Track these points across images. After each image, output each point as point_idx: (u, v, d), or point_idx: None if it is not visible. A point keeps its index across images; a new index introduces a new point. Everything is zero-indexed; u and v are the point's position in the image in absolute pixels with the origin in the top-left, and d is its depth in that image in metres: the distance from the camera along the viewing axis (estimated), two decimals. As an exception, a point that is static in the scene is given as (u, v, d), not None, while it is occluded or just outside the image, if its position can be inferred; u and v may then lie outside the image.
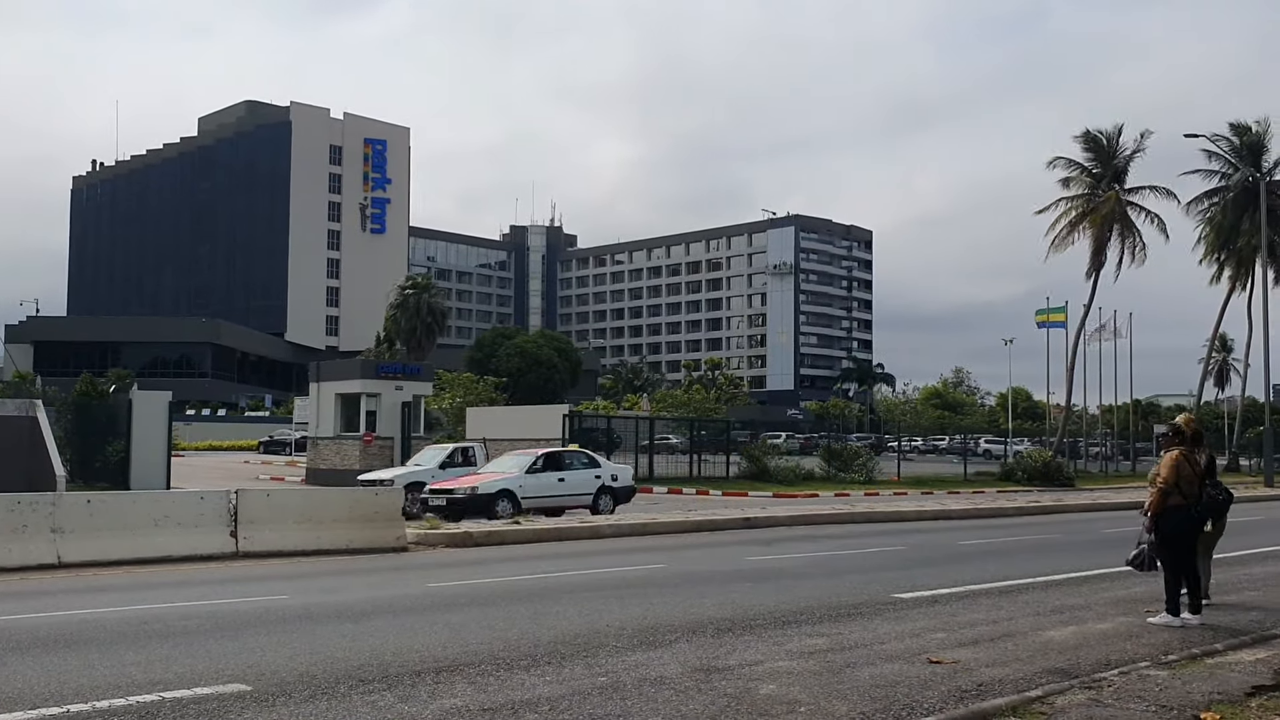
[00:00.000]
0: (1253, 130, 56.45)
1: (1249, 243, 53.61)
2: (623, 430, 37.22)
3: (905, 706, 6.56)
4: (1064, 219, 54.43)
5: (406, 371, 32.74)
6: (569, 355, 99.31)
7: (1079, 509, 28.78)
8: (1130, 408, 65.77)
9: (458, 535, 17.16)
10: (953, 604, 10.80)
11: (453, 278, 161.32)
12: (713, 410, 69.84)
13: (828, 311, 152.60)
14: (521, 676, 7.26)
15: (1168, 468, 9.77)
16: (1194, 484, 9.80)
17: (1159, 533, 9.79)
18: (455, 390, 68.47)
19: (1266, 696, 6.99)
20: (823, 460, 39.02)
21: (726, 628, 9.12)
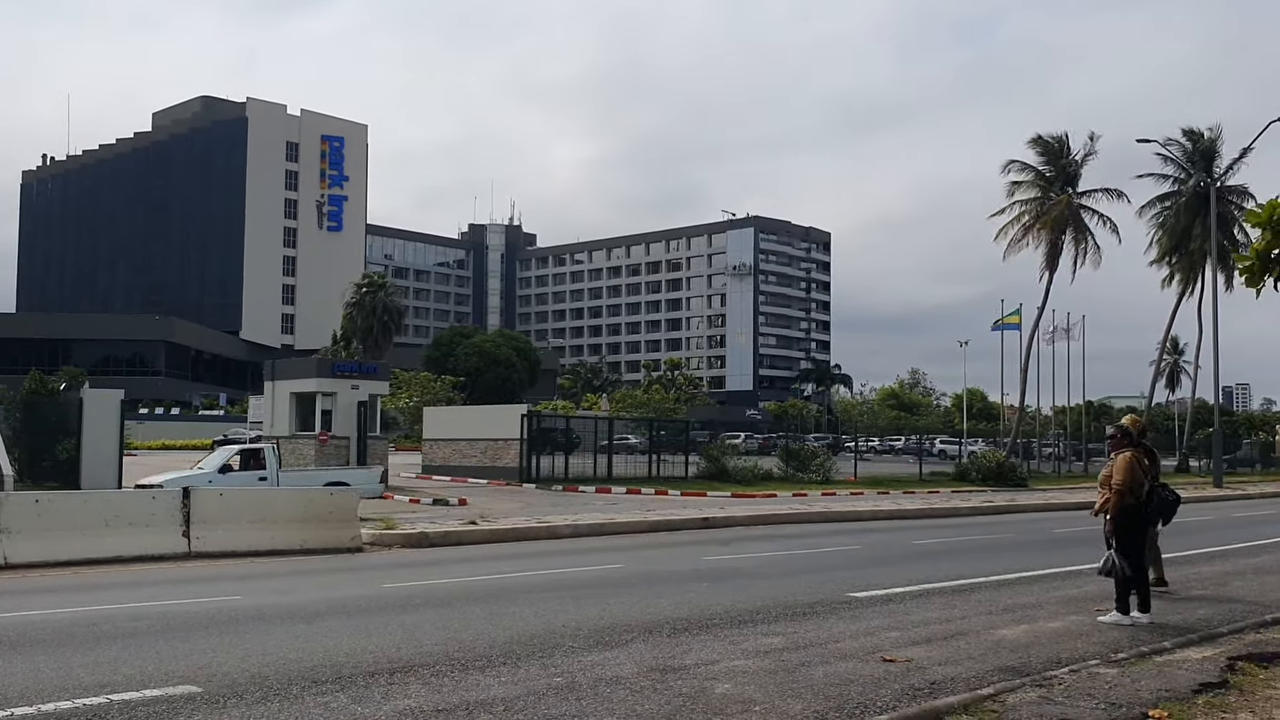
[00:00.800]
0: (1205, 136, 57.35)
1: (1200, 247, 54.45)
2: (582, 430, 37.15)
3: (859, 705, 6.60)
4: (1018, 222, 54.98)
5: (363, 370, 32.49)
6: (528, 355, 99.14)
7: (1032, 509, 29.11)
8: (1083, 409, 66.70)
9: (413, 536, 17.06)
10: (907, 603, 10.89)
11: (410, 276, 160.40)
12: (672, 410, 70.05)
13: (786, 313, 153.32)
14: (476, 677, 7.23)
15: (1123, 470, 9.88)
16: (1145, 485, 10.01)
17: (1112, 534, 9.98)
18: (412, 390, 68.20)
19: (1213, 694, 7.11)
20: (781, 460, 39.16)
21: (683, 627, 9.13)
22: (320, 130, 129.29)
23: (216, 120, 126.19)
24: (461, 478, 32.73)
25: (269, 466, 23.41)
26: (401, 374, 70.98)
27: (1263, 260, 6.47)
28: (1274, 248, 6.36)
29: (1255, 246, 6.62)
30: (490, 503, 24.26)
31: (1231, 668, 7.84)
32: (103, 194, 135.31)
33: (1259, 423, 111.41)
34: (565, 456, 33.71)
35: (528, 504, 24.51)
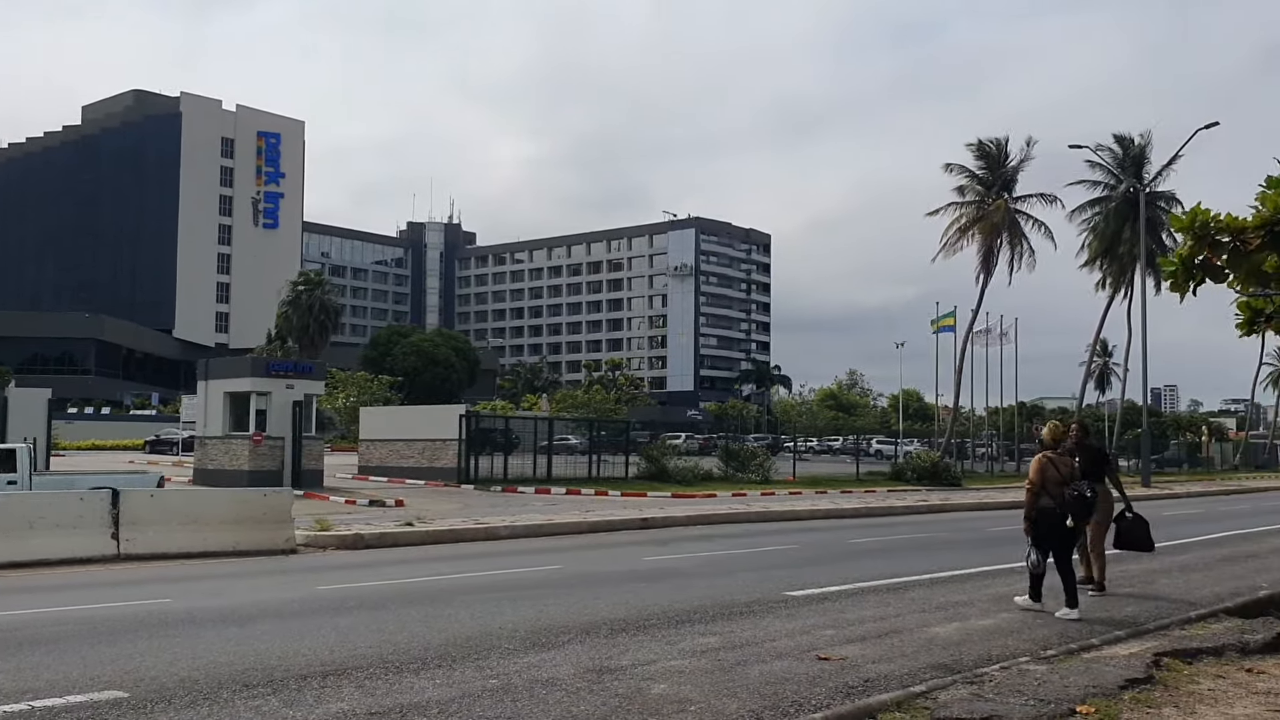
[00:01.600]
0: (1135, 142, 58.57)
1: (1130, 251, 55.55)
2: (521, 431, 36.98)
3: (794, 703, 6.64)
4: (955, 225, 55.72)
5: (298, 370, 32.01)
6: (467, 354, 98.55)
7: (965, 508, 29.54)
8: (1016, 409, 67.81)
9: (348, 537, 16.87)
10: (842, 601, 10.98)
11: (348, 274, 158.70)
12: (612, 411, 70.02)
13: (727, 313, 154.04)
14: (410, 680, 7.17)
15: (1033, 470, 10.46)
16: (1060, 486, 10.32)
17: (1033, 528, 10.36)
18: (349, 389, 67.46)
19: (1139, 690, 7.25)
20: (721, 461, 39.31)
21: (620, 628, 9.13)
22: (256, 126, 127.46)
23: (149, 114, 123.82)
24: (399, 479, 32.42)
25: (20, 469, 20.67)
26: (338, 373, 70.13)
27: (1186, 266, 6.62)
28: (1197, 254, 6.51)
29: (1179, 252, 6.77)
30: (427, 504, 24.06)
31: (1157, 664, 8.01)
32: (30, 188, 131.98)
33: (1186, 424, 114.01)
34: (504, 457, 33.51)
35: (466, 505, 24.35)
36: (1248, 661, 8.43)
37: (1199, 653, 8.54)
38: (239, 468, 28.71)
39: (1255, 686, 7.57)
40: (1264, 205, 6.34)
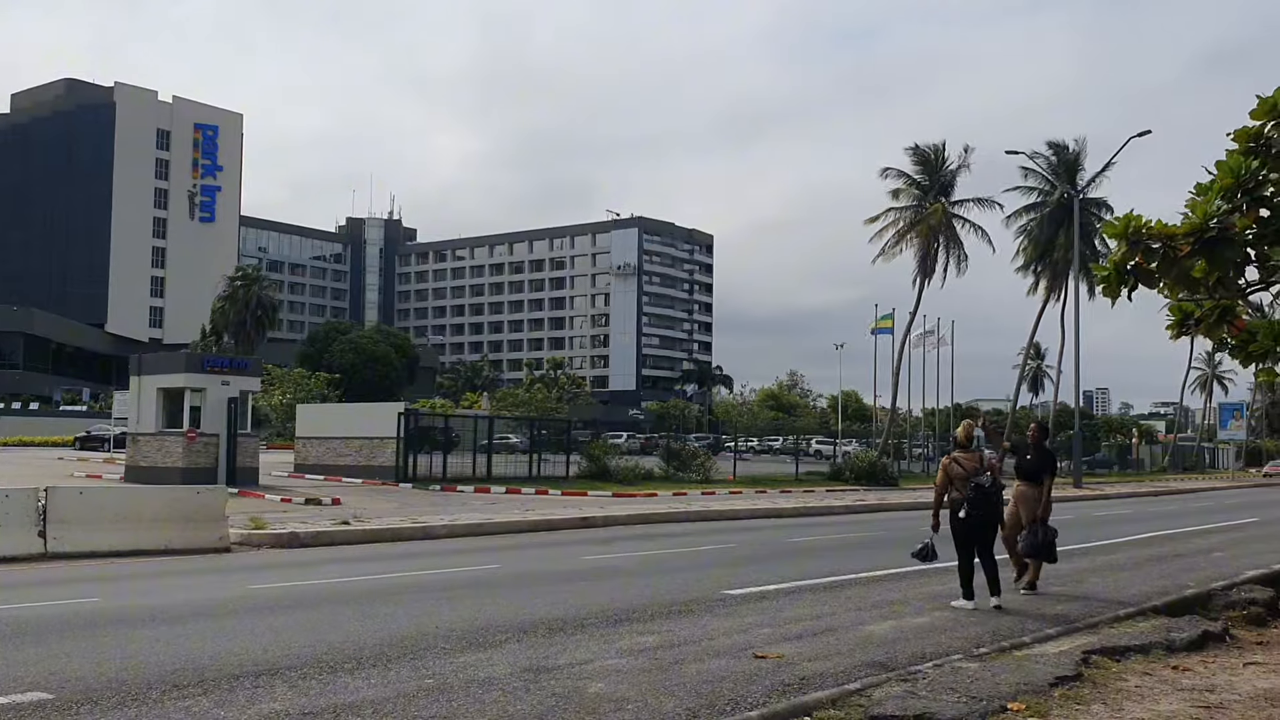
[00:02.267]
0: (1070, 149, 59.68)
1: (1064, 256, 56.57)
2: (461, 429, 36.75)
3: (730, 701, 6.67)
4: (893, 228, 56.37)
5: (234, 365, 31.51)
6: (406, 352, 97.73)
7: (901, 507, 29.89)
8: (951, 411, 68.77)
9: (284, 536, 16.65)
10: (780, 600, 11.05)
11: (285, 270, 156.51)
12: (554, 409, 69.88)
13: (669, 313, 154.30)
14: (345, 679, 7.09)
15: (940, 472, 11.03)
16: (964, 483, 10.71)
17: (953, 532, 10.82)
18: (286, 386, 66.68)
19: (1068, 686, 7.38)
20: (662, 460, 39.38)
21: (558, 627, 9.10)
22: (193, 118, 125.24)
23: (82, 104, 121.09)
24: (336, 477, 32.07)
25: None
26: (275, 370, 69.27)
27: (1119, 271, 6.73)
28: (1129, 259, 6.63)
29: (1112, 258, 6.89)
30: (365, 502, 23.82)
31: (1086, 661, 8.15)
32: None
33: (1117, 426, 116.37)
34: (444, 456, 33.27)
35: (404, 504, 24.15)
36: (1174, 659, 8.62)
37: (1127, 650, 8.71)
38: (172, 465, 28.21)
39: (1181, 683, 7.74)
40: (1194, 212, 6.48)
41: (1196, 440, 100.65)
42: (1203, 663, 8.58)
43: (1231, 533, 22.25)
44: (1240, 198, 6.49)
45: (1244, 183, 6.44)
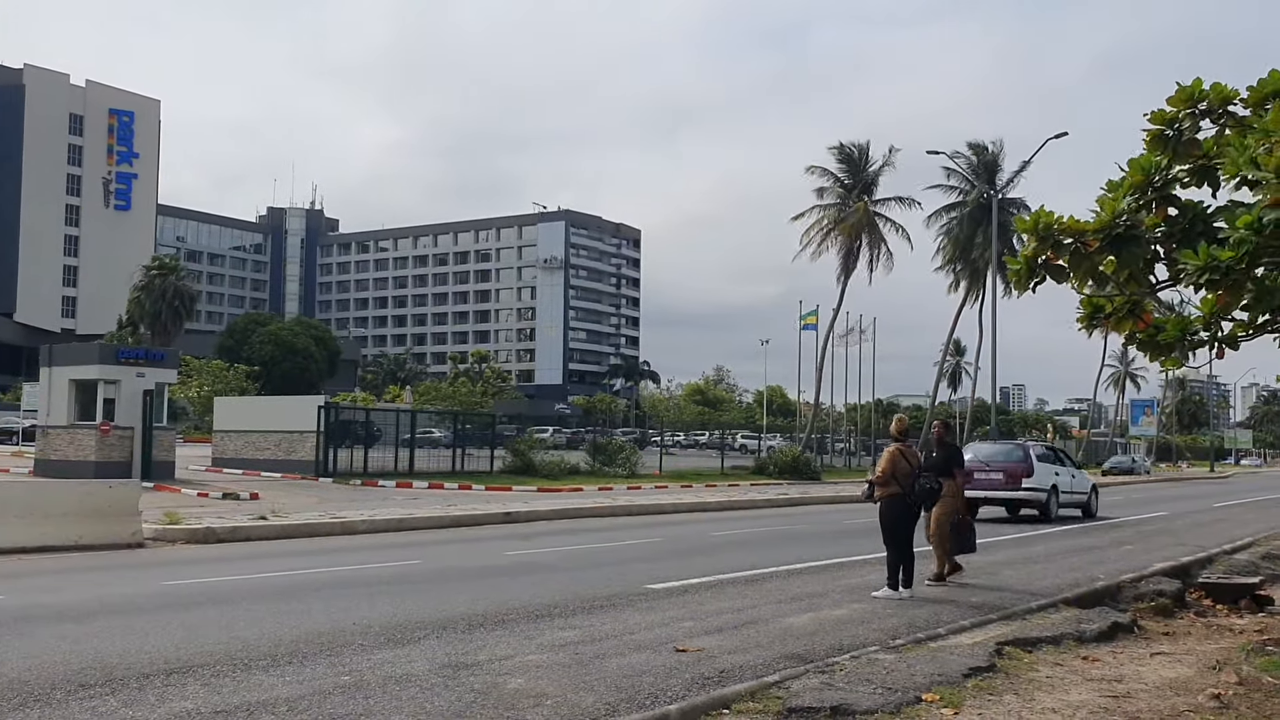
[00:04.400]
0: (989, 150, 60.85)
1: (982, 255, 57.67)
2: (383, 423, 36.32)
3: (650, 695, 6.67)
4: (817, 226, 57.03)
5: (149, 357, 30.75)
6: (327, 344, 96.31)
7: (823, 501, 30.29)
8: (873, 406, 69.78)
9: (199, 531, 16.31)
10: (702, 593, 11.10)
11: (204, 260, 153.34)
12: (478, 404, 69.44)
13: (597, 308, 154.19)
14: (259, 677, 6.96)
15: (884, 461, 11.09)
16: (909, 477, 10.92)
17: (881, 520, 11.09)
18: (203, 378, 65.40)
19: (981, 677, 7.51)
20: (588, 455, 39.34)
21: (478, 623, 9.04)
22: (108, 103, 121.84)
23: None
24: (255, 471, 31.51)
25: None
26: (192, 362, 67.85)
27: (1030, 266, 6.87)
28: (1040, 254, 6.77)
29: (1024, 252, 7.02)
30: (284, 497, 23.44)
31: (999, 652, 8.30)
32: None
33: (1032, 422, 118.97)
34: (365, 450, 32.88)
35: (324, 499, 23.81)
36: (1084, 649, 8.82)
37: (1039, 641, 8.89)
38: (85, 459, 27.48)
39: (1090, 674, 7.92)
40: (1103, 209, 6.63)
41: (1109, 436, 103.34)
42: (1112, 653, 8.80)
43: (1141, 526, 22.86)
44: (1150, 194, 6.66)
45: (1153, 180, 6.60)
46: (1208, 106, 6.63)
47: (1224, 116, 6.64)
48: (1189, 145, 6.63)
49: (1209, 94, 6.60)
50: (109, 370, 28.29)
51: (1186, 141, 6.62)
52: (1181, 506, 31.06)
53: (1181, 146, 6.64)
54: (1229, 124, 6.61)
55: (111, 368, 28.41)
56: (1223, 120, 6.65)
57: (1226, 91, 6.57)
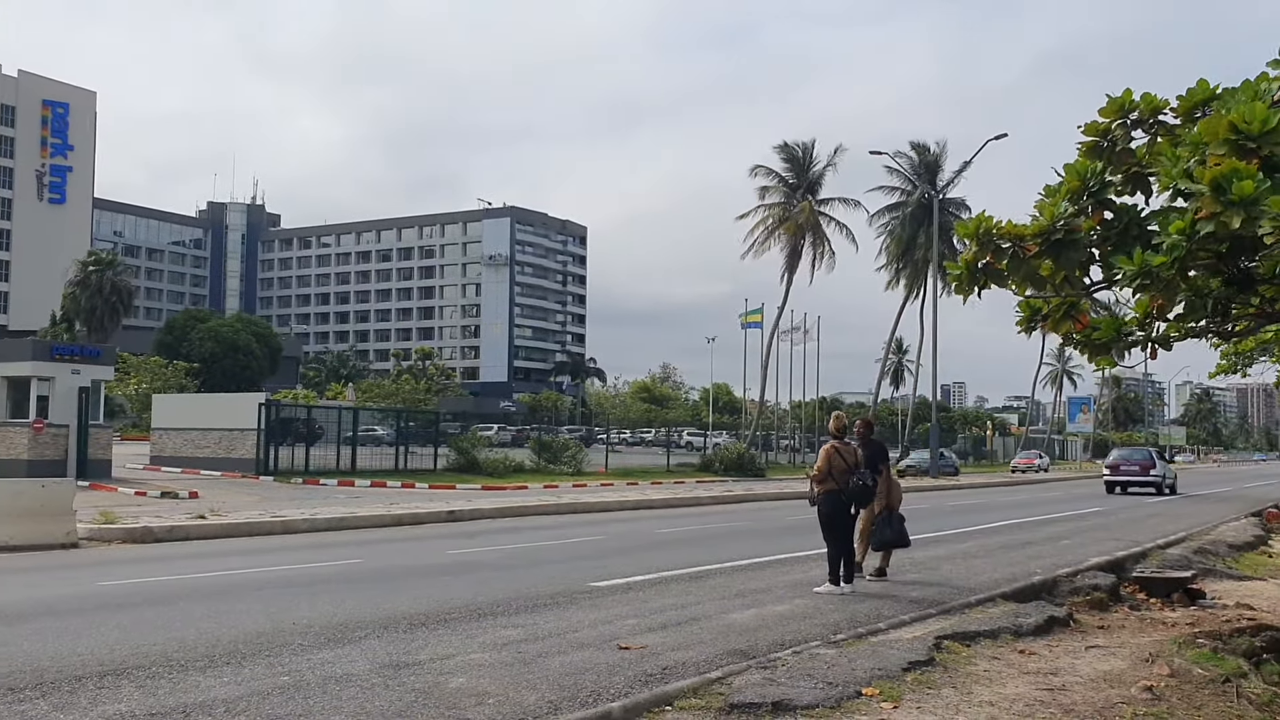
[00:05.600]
0: (930, 151, 61.61)
1: (924, 255, 58.38)
2: (325, 421, 35.96)
3: (592, 693, 6.68)
4: (762, 225, 57.32)
5: (85, 354, 30.19)
6: (269, 341, 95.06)
7: (768, 498, 30.48)
8: (817, 404, 70.34)
9: (136, 530, 16.03)
10: (646, 591, 11.12)
11: (142, 255, 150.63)
12: (422, 401, 68.97)
13: (543, 304, 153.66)
14: (196, 678, 6.86)
15: (821, 458, 11.25)
16: (845, 474, 11.09)
17: (820, 516, 11.27)
18: (141, 375, 64.36)
19: (921, 671, 7.61)
20: (533, 452, 39.24)
21: (420, 622, 8.98)
22: (41, 94, 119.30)
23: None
24: (194, 470, 31.06)
25: None
26: (130, 358, 66.71)
27: (970, 270, 6.96)
28: (981, 258, 6.86)
29: (964, 257, 7.12)
30: (224, 496, 23.14)
31: (938, 646, 8.41)
32: None
33: (972, 419, 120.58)
34: (306, 448, 32.53)
35: (264, 497, 23.53)
36: (1020, 643, 8.97)
37: (977, 635, 9.02)
38: (17, 457, 26.89)
39: (1027, 667, 8.06)
40: (1042, 214, 6.74)
41: (1047, 433, 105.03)
42: (1048, 647, 8.95)
43: (1078, 521, 23.28)
44: (1086, 200, 6.77)
45: (1089, 185, 6.72)
46: (1139, 117, 6.77)
47: (1155, 126, 6.78)
48: (1122, 155, 6.76)
49: (1139, 104, 6.74)
50: (43, 367, 27.72)
51: (1120, 151, 6.76)
52: (1116, 502, 31.68)
53: (1115, 156, 6.77)
54: (1160, 133, 6.75)
55: (45, 364, 27.84)
56: (1154, 129, 6.79)
57: (1156, 102, 6.71)
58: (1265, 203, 5.37)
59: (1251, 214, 5.42)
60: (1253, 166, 5.56)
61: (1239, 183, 5.43)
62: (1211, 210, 5.58)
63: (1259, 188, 5.41)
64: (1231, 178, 5.48)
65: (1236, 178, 5.46)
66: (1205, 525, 21.97)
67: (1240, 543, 18.68)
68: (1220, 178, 5.52)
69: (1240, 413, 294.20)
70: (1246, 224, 5.46)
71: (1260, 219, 5.40)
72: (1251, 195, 5.39)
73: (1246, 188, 5.41)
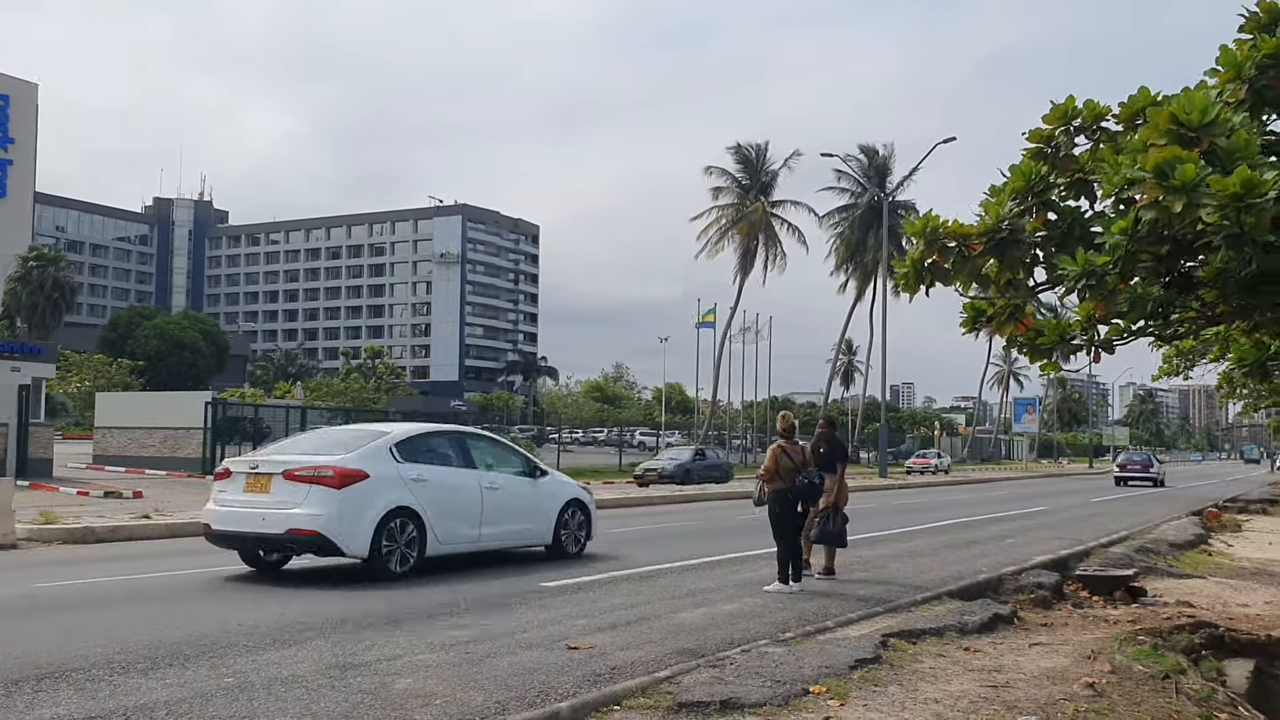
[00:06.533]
0: (880, 154, 62.20)
1: (874, 257, 58.91)
2: (273, 420, 35.53)
3: (540, 693, 6.66)
4: (715, 226, 57.57)
5: (25, 351, 29.66)
6: (216, 339, 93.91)
7: (718, 497, 30.58)
8: (769, 403, 70.70)
9: (77, 531, 15.75)
10: (596, 590, 11.11)
11: (86, 251, 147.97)
12: (372, 400, 68.42)
13: (494, 303, 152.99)
14: (137, 680, 6.75)
15: (769, 458, 11.40)
16: (792, 472, 11.20)
17: (770, 513, 11.37)
18: (85, 373, 63.32)
19: (867, 669, 7.67)
20: (483, 452, 39.03)
21: (368, 623, 8.90)
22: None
23: None
24: (139, 469, 30.59)
25: None
26: (73, 356, 65.59)
27: (917, 269, 7.04)
28: (927, 257, 6.94)
29: (911, 256, 7.20)
30: (169, 495, 22.79)
31: (885, 644, 8.49)
32: None
33: (921, 419, 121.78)
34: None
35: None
36: (966, 641, 9.07)
37: (923, 633, 9.11)
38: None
39: (972, 664, 8.15)
40: (987, 213, 6.83)
41: (994, 433, 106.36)
42: (992, 644, 9.06)
43: (1023, 520, 23.59)
44: (1030, 201, 6.88)
45: (1034, 186, 6.83)
46: (1082, 123, 6.90)
47: (1097, 132, 6.91)
48: (1065, 160, 6.88)
49: (1082, 111, 6.86)
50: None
51: (1063, 157, 6.87)
52: (1061, 501, 32.15)
53: (1059, 162, 6.88)
54: (1102, 139, 6.87)
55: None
56: (1096, 136, 6.92)
57: (1099, 109, 6.84)
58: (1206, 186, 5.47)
59: (1193, 199, 5.52)
60: (1194, 154, 5.67)
61: (1181, 167, 5.54)
62: (1154, 195, 5.68)
63: (1201, 173, 5.51)
64: (1174, 163, 5.58)
65: (1179, 163, 5.57)
66: (1147, 524, 22.35)
67: (1181, 541, 19.04)
68: (1163, 163, 5.62)
69: (1182, 414, 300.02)
70: (1188, 209, 5.56)
71: (1201, 204, 5.50)
72: (1194, 180, 5.49)
73: (1188, 171, 5.51)
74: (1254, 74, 6.14)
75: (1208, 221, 5.53)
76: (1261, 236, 5.53)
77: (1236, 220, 5.42)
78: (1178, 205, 5.55)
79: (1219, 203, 5.38)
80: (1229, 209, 5.38)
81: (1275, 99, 6.20)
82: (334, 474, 11.04)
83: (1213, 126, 5.70)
